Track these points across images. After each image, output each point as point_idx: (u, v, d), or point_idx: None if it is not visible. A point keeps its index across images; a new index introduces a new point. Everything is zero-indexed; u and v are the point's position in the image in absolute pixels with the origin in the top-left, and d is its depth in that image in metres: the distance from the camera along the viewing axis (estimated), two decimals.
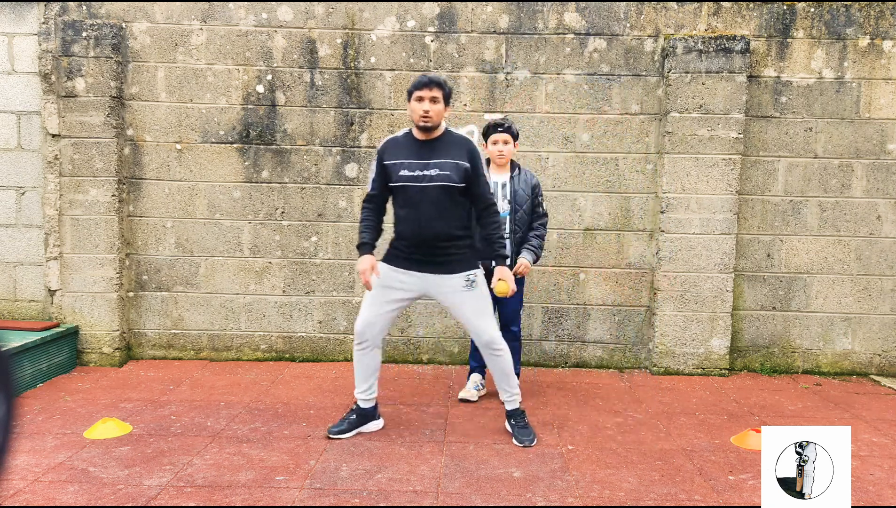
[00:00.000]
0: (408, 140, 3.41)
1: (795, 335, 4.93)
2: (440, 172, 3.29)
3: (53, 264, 4.81)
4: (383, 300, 3.41)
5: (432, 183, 3.29)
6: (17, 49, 4.77)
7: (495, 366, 3.47)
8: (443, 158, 3.32)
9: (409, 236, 3.36)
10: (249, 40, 4.80)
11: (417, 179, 3.31)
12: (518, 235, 4.00)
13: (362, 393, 3.55)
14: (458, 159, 3.32)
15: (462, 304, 3.38)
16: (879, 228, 4.85)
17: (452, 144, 3.36)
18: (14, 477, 2.96)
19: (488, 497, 2.86)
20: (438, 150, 3.34)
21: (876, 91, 4.77)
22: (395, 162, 3.36)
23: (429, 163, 3.31)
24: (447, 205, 3.32)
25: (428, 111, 3.26)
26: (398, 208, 3.41)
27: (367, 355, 3.49)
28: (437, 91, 3.28)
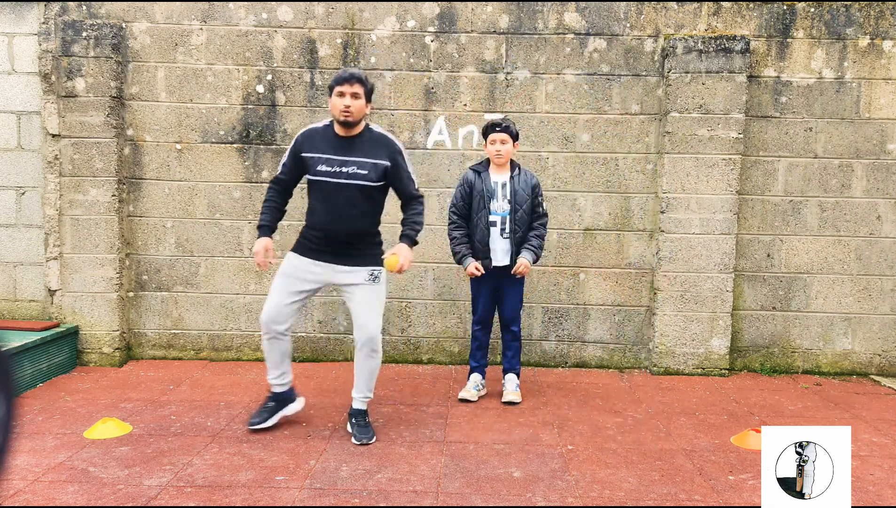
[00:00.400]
0: (328, 134, 3.42)
1: (795, 335, 4.93)
2: (358, 171, 3.33)
3: (53, 264, 4.81)
4: (290, 291, 3.44)
5: (349, 181, 3.33)
6: (17, 49, 4.77)
7: (366, 366, 3.48)
8: (362, 156, 3.35)
9: (320, 228, 3.40)
10: (249, 40, 4.80)
11: (335, 175, 3.34)
12: (518, 234, 4.00)
13: (276, 379, 3.59)
14: (378, 159, 3.36)
15: (359, 296, 3.42)
16: (879, 228, 4.85)
17: (373, 143, 3.39)
18: (14, 477, 2.96)
19: (488, 497, 2.86)
20: (358, 148, 3.37)
21: (876, 91, 4.77)
22: (313, 155, 3.38)
23: (347, 161, 3.34)
24: (362, 203, 3.37)
25: (349, 106, 3.27)
26: (313, 200, 3.43)
27: (275, 344, 3.51)
28: (359, 87, 3.28)
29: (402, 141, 4.83)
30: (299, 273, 3.45)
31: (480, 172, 4.04)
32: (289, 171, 3.50)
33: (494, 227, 4.00)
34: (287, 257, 3.52)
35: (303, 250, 3.47)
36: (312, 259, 3.44)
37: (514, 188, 3.98)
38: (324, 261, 3.43)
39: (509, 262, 4.01)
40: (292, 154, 3.46)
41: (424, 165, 4.84)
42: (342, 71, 3.31)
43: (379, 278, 3.46)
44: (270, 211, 3.52)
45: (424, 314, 4.94)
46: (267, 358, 3.56)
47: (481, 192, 3.99)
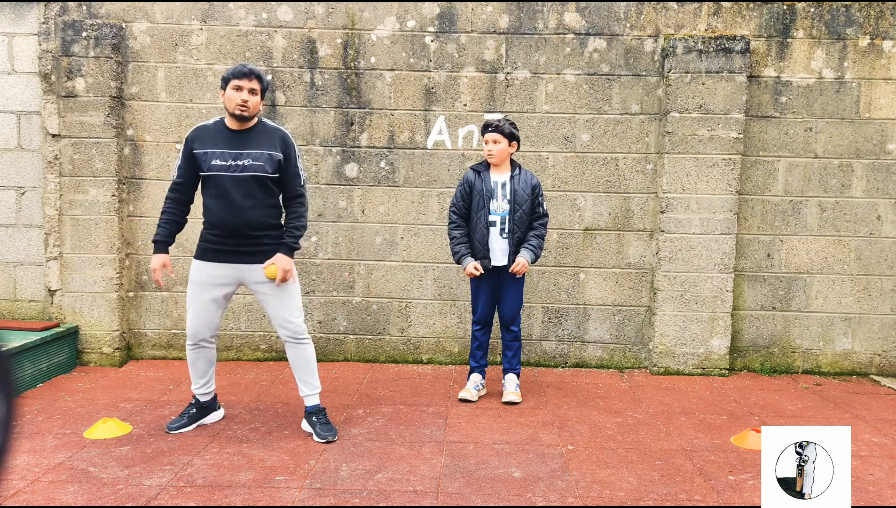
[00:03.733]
0: (220, 128, 3.39)
1: (795, 335, 4.93)
2: (253, 163, 3.31)
3: (53, 264, 4.81)
4: (205, 300, 3.41)
5: (245, 173, 3.31)
6: (17, 49, 4.77)
7: (298, 356, 3.48)
8: (256, 148, 3.34)
9: (220, 226, 3.35)
10: (249, 40, 4.80)
11: (230, 168, 3.30)
12: (517, 234, 4.00)
13: (200, 388, 3.59)
14: (272, 150, 3.35)
15: (272, 294, 3.40)
16: (879, 228, 4.85)
17: (266, 135, 3.38)
18: (14, 477, 2.96)
19: (488, 497, 2.86)
20: (252, 140, 3.35)
21: (876, 91, 4.77)
22: (206, 151, 3.34)
23: (242, 153, 3.32)
24: (260, 195, 3.34)
25: (246, 101, 3.28)
26: (208, 198, 3.38)
27: (202, 353, 3.52)
28: (256, 83, 3.30)
29: (402, 141, 4.84)
30: (210, 280, 3.41)
31: (480, 171, 4.04)
32: (184, 172, 3.43)
33: (494, 227, 4.00)
34: (193, 266, 3.46)
35: (206, 255, 3.42)
36: (218, 262, 3.39)
37: (513, 188, 3.98)
38: (229, 262, 3.39)
39: (508, 262, 4.01)
40: (185, 154, 3.41)
41: (424, 165, 4.84)
42: (241, 65, 3.30)
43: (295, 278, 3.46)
44: (167, 224, 3.47)
45: (424, 314, 4.94)
46: (191, 368, 3.56)
47: (481, 192, 3.99)
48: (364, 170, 4.86)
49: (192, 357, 3.53)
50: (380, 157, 4.85)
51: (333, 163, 4.86)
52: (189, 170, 3.42)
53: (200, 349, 3.51)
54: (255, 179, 3.31)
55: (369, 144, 4.84)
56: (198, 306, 3.43)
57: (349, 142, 4.84)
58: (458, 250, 4.06)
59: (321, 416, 3.53)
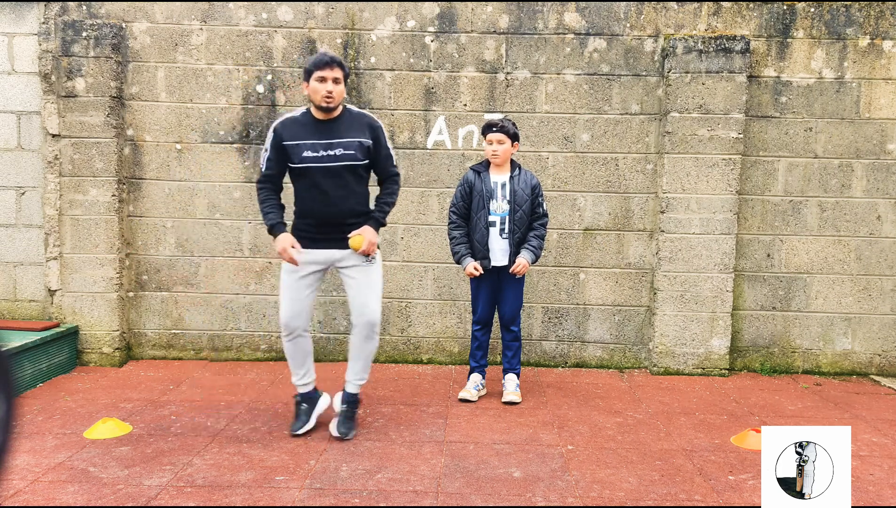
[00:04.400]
0: (308, 120, 3.39)
1: (795, 335, 4.93)
2: (345, 152, 3.32)
3: (53, 264, 4.81)
4: (300, 287, 3.42)
5: (337, 163, 3.32)
6: (17, 49, 4.77)
7: (364, 349, 3.47)
8: (346, 137, 3.34)
9: (313, 216, 3.38)
10: (249, 40, 4.80)
11: (321, 159, 3.31)
12: (517, 235, 4.00)
13: (301, 379, 3.57)
14: (361, 137, 3.35)
15: (357, 277, 3.41)
16: (879, 228, 4.85)
17: (354, 122, 3.38)
18: (14, 477, 2.96)
19: (488, 497, 2.86)
20: (340, 129, 3.35)
21: (876, 91, 4.77)
22: (296, 143, 3.34)
23: (332, 143, 3.32)
24: (351, 183, 3.37)
25: (331, 92, 3.26)
26: (301, 189, 3.40)
27: (299, 343, 3.50)
28: (339, 71, 3.28)
29: (402, 141, 4.84)
30: (304, 267, 3.42)
31: (480, 172, 4.04)
32: (274, 165, 3.44)
33: (493, 227, 4.00)
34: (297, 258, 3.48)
35: (302, 245, 3.41)
36: (311, 249, 3.40)
37: (513, 189, 3.98)
38: (322, 248, 3.41)
39: (508, 262, 4.01)
40: (274, 147, 3.40)
41: (424, 165, 4.84)
42: (321, 55, 3.27)
43: (374, 258, 3.45)
44: (275, 208, 3.46)
45: (424, 314, 4.94)
46: (290, 360, 3.53)
47: (481, 192, 3.99)
48: None
49: (290, 350, 3.51)
50: None
51: None
52: (279, 162, 3.41)
53: (297, 338, 3.48)
54: (347, 167, 3.33)
55: None
56: (291, 291, 3.42)
57: None
58: (458, 251, 4.06)
59: (351, 409, 3.55)
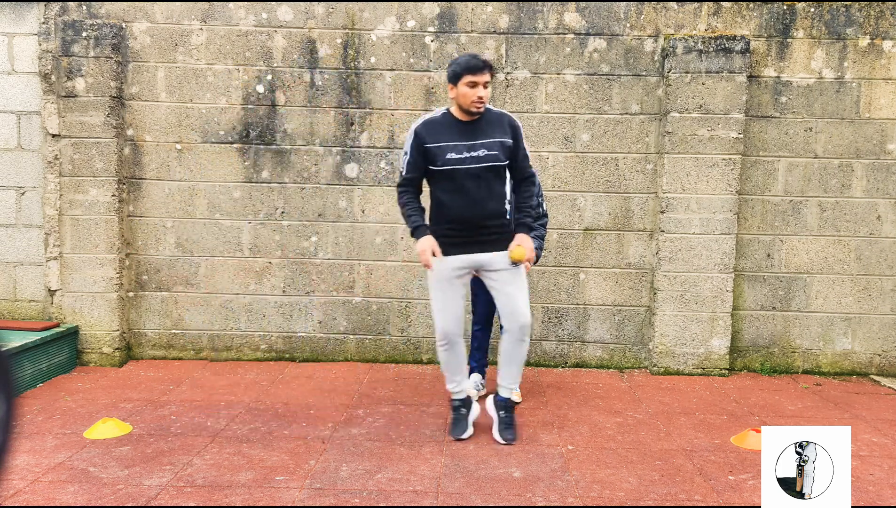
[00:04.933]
0: (449, 121, 3.31)
1: (795, 335, 4.93)
2: (488, 153, 3.23)
3: (53, 264, 4.81)
4: (451, 294, 3.35)
5: (480, 164, 3.23)
6: (17, 49, 4.76)
7: (516, 353, 3.40)
8: (488, 137, 3.25)
9: (456, 220, 3.28)
10: (249, 40, 4.80)
11: (465, 161, 3.23)
12: None
13: (458, 385, 3.49)
14: (503, 137, 3.28)
15: (504, 281, 3.32)
16: (879, 228, 4.85)
17: (494, 122, 3.30)
18: (14, 477, 2.96)
19: (488, 497, 2.86)
20: (482, 130, 3.27)
21: (876, 91, 4.77)
22: (440, 145, 3.26)
23: (475, 144, 3.24)
24: (494, 184, 3.28)
25: (482, 97, 3.21)
26: (442, 193, 3.30)
27: (455, 349, 3.41)
28: (489, 75, 3.21)
29: (402, 141, 4.84)
30: (448, 274, 3.34)
31: None
32: (415, 168, 3.33)
33: None
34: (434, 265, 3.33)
35: (447, 251, 3.31)
36: (457, 254, 3.32)
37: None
38: (468, 253, 3.33)
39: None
40: (416, 149, 3.30)
41: None
42: (473, 58, 3.19)
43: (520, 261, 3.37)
44: (418, 211, 3.36)
45: (424, 314, 4.94)
46: (446, 367, 3.46)
47: None
48: (364, 170, 4.86)
49: (445, 357, 3.43)
50: (380, 157, 4.85)
51: (333, 163, 4.86)
52: (420, 165, 3.32)
53: (455, 345, 3.40)
54: (490, 168, 3.25)
55: (369, 144, 4.84)
56: (447, 302, 3.35)
57: (349, 142, 4.84)
58: None
59: (509, 413, 3.49)
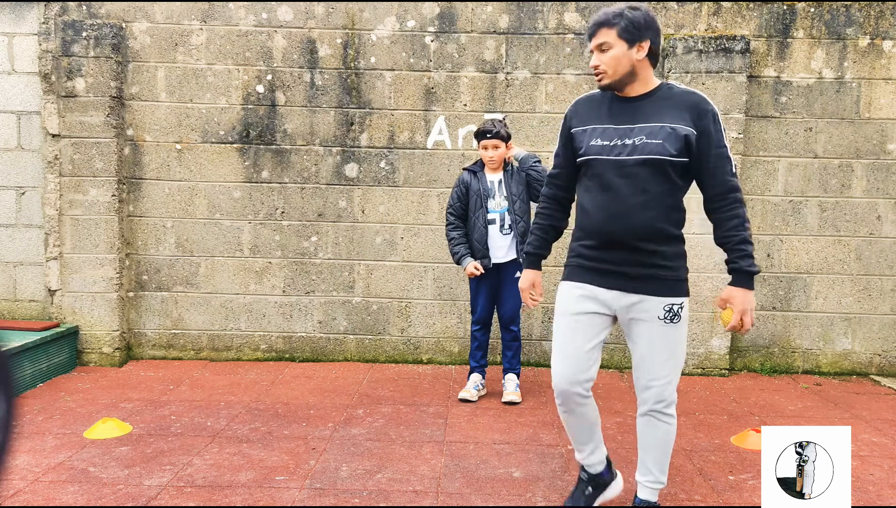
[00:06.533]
0: (607, 98, 2.46)
1: (795, 335, 4.93)
2: (647, 141, 2.32)
3: (53, 264, 4.81)
4: (574, 335, 2.45)
5: (634, 156, 2.33)
6: (17, 49, 4.76)
7: (654, 433, 2.47)
8: (653, 120, 2.34)
9: (596, 234, 2.41)
10: (249, 40, 4.80)
11: (613, 150, 2.36)
12: (520, 224, 4.01)
13: (588, 457, 2.60)
14: (676, 122, 2.32)
15: (647, 337, 2.40)
16: (879, 228, 4.85)
17: (669, 102, 2.36)
18: (14, 477, 2.96)
19: (488, 497, 2.86)
20: (648, 110, 2.36)
21: (876, 91, 4.77)
22: (584, 128, 2.45)
23: (633, 128, 2.35)
24: (655, 188, 2.34)
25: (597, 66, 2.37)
26: (583, 194, 2.49)
27: (578, 412, 2.50)
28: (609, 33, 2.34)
29: (402, 141, 4.83)
30: (579, 307, 2.45)
31: (476, 172, 4.09)
32: (563, 160, 2.56)
33: (493, 225, 4.02)
34: (560, 291, 2.55)
35: (576, 275, 2.49)
36: (594, 285, 2.44)
37: (508, 182, 4.04)
38: (604, 286, 2.42)
39: (515, 255, 4.01)
40: (562, 134, 2.56)
41: (424, 165, 4.84)
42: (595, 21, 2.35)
43: (680, 315, 2.39)
44: (540, 231, 2.64)
45: (424, 314, 4.94)
46: (570, 433, 2.58)
47: (478, 191, 4.02)
48: (364, 170, 4.86)
49: (567, 420, 2.54)
50: (380, 157, 4.85)
51: (333, 163, 4.86)
52: (567, 157, 2.54)
53: (575, 405, 2.47)
54: (650, 163, 2.31)
55: (369, 144, 4.84)
56: (568, 341, 2.46)
57: (349, 142, 4.84)
58: (458, 251, 4.07)
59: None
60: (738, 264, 2.30)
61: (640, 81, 2.38)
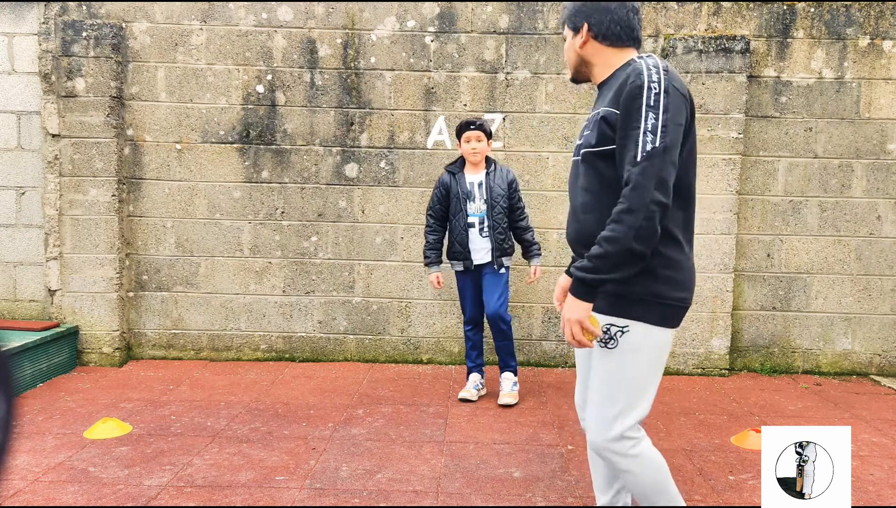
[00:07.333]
0: None
1: (795, 335, 4.93)
2: (584, 133, 2.08)
3: (53, 264, 4.81)
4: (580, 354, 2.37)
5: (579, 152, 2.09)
6: (17, 49, 4.76)
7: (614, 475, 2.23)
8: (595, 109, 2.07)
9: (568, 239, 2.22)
10: (249, 40, 4.80)
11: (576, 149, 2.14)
12: (497, 230, 3.98)
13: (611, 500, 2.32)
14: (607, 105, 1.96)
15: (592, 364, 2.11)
16: (879, 228, 4.85)
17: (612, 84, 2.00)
18: (14, 477, 2.96)
19: (488, 497, 2.86)
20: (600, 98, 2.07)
21: (876, 91, 4.77)
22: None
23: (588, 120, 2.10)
24: (594, 186, 2.03)
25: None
26: None
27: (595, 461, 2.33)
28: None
29: (402, 141, 4.83)
30: None
31: (455, 173, 4.05)
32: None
33: (473, 228, 4.01)
34: None
35: None
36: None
37: (489, 185, 3.99)
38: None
39: (490, 259, 4.00)
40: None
41: (424, 165, 4.84)
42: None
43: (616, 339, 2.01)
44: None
45: (424, 314, 4.94)
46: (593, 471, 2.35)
47: (457, 194, 4.00)
48: (364, 170, 4.86)
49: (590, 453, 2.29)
50: (380, 157, 4.85)
51: (333, 163, 4.86)
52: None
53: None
54: (584, 158, 2.05)
55: (369, 144, 4.84)
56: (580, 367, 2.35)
57: (349, 142, 4.84)
58: (429, 257, 4.11)
59: None
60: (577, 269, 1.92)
61: (601, 67, 2.07)
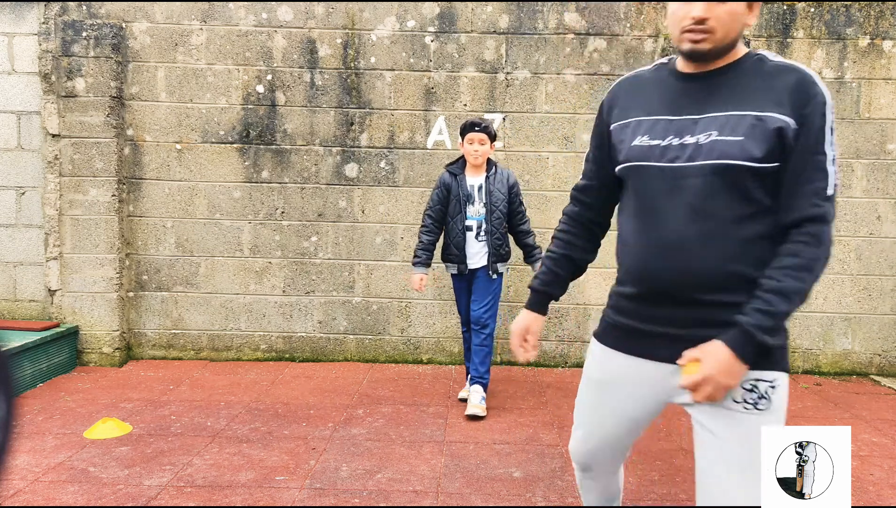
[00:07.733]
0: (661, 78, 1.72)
1: (795, 335, 4.93)
2: (719, 139, 1.54)
3: (53, 264, 4.81)
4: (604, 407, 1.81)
5: (696, 162, 1.56)
6: (17, 49, 4.76)
7: None
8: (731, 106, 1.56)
9: (635, 279, 1.70)
10: (249, 40, 4.80)
11: (666, 152, 1.61)
12: (495, 235, 3.92)
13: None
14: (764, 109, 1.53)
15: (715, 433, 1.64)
16: (879, 228, 4.85)
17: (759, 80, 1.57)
18: (14, 477, 2.96)
19: (488, 497, 2.86)
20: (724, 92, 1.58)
21: (876, 91, 4.77)
22: (627, 121, 1.71)
23: (698, 120, 1.58)
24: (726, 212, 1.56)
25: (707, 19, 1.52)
26: (621, 217, 1.79)
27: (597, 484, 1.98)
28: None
29: (402, 141, 4.83)
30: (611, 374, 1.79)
31: (457, 174, 3.96)
32: (594, 167, 1.84)
33: (470, 231, 3.94)
34: (590, 349, 1.88)
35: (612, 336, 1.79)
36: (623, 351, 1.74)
37: (489, 189, 3.92)
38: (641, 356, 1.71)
39: (486, 263, 3.95)
40: (597, 130, 1.83)
41: (424, 165, 4.84)
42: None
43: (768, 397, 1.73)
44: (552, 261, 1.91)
45: (424, 314, 4.94)
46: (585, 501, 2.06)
47: (458, 196, 3.92)
48: (364, 170, 4.86)
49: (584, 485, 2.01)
50: (380, 157, 4.85)
51: (333, 163, 4.86)
52: (602, 163, 1.81)
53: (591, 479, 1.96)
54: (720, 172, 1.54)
55: (369, 144, 4.84)
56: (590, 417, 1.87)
57: (349, 142, 4.84)
58: (419, 258, 3.98)
59: None
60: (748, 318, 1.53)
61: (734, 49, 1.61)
